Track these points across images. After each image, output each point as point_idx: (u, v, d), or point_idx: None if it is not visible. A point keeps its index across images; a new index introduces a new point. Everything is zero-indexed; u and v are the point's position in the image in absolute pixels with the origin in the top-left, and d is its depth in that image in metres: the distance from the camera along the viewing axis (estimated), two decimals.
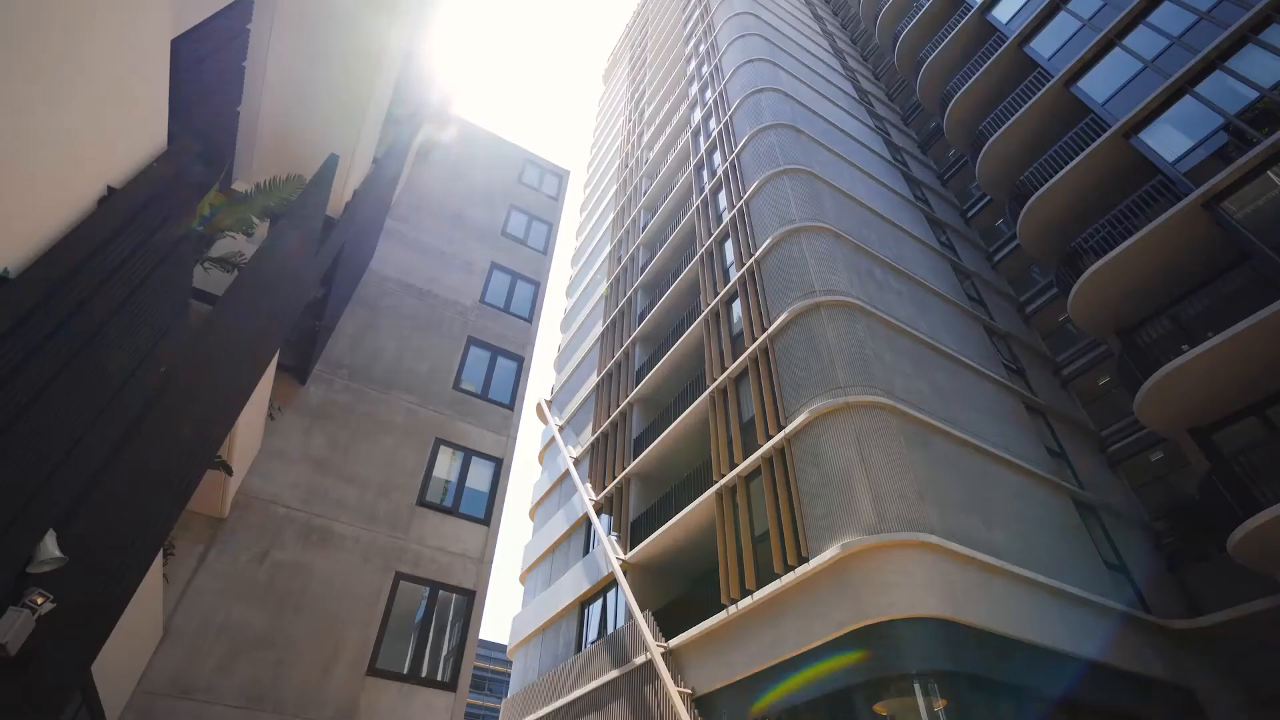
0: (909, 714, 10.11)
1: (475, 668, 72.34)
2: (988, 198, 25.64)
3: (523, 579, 25.80)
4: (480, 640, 71.17)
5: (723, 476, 14.96)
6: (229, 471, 8.57)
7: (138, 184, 4.54)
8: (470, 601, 12.09)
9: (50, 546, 3.47)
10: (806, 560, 11.62)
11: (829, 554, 11.07)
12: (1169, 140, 15.82)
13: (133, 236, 4.15)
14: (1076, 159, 17.58)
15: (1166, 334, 15.35)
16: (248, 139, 8.78)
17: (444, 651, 11.57)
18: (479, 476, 13.87)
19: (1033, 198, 18.65)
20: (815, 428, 12.92)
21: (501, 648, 67.28)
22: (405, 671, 10.96)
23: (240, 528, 10.90)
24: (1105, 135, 16.97)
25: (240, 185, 8.54)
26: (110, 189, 4.41)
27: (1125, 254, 15.26)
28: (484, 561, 12.68)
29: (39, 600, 3.59)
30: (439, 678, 11.16)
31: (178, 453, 5.61)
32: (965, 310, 19.50)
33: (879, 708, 10.22)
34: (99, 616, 5.06)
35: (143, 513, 5.31)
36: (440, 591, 11.95)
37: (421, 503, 12.77)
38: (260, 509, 11.23)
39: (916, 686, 10.09)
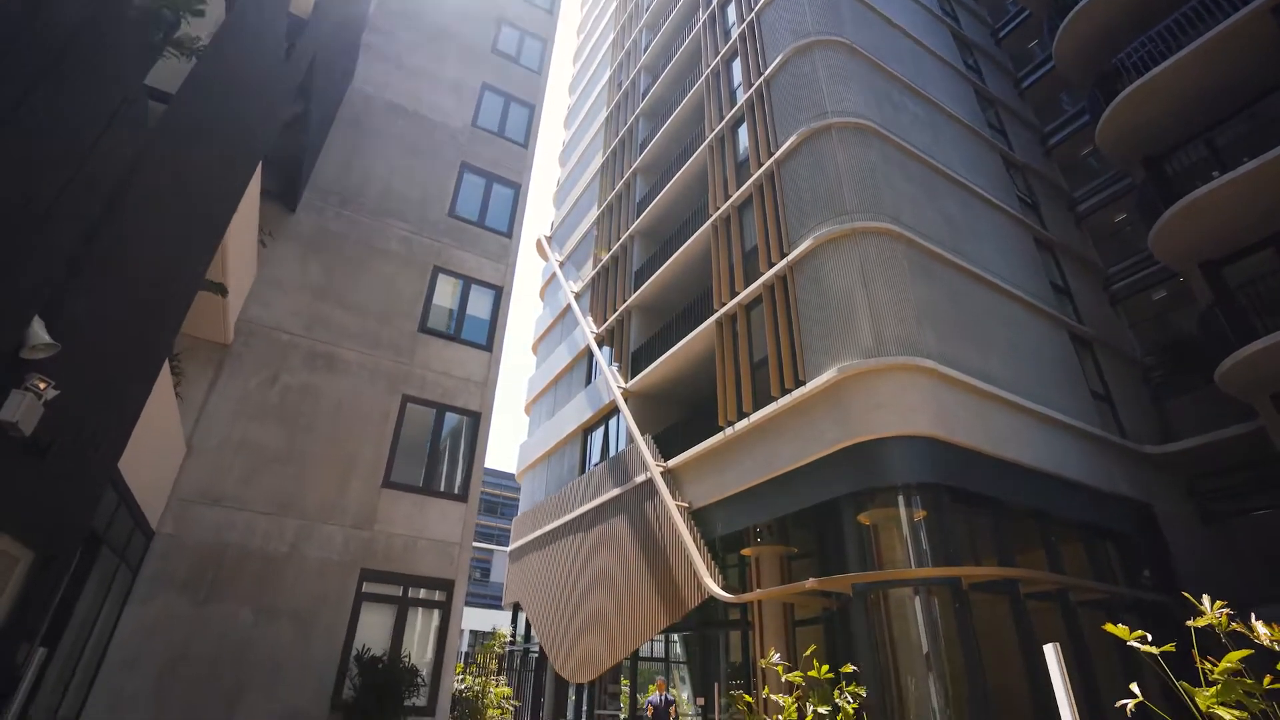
0: (890, 523, 10.88)
1: (487, 494, 77.69)
2: (1024, 13, 23.35)
3: (528, 410, 26.86)
4: (490, 469, 75.89)
5: (723, 305, 14.98)
6: (224, 293, 8.49)
7: None
8: (476, 422, 12.59)
9: (39, 331, 3.42)
10: (803, 384, 11.92)
11: (825, 377, 11.33)
12: None
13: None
14: None
15: (1197, 162, 14.64)
16: None
17: (453, 468, 12.24)
18: (479, 304, 13.88)
19: (1076, 7, 16.94)
20: (819, 254, 12.69)
21: (510, 476, 71.88)
22: (419, 485, 11.66)
23: (246, 353, 11.06)
24: None
25: None
26: None
27: (1170, 70, 14.11)
28: (487, 385, 13.03)
29: (41, 385, 3.61)
30: (450, 490, 11.89)
31: (162, 254, 5.47)
32: (985, 139, 18.45)
33: (863, 518, 10.98)
34: (112, 413, 5.20)
35: (137, 317, 5.27)
36: (447, 413, 12.40)
37: (423, 330, 12.88)
38: (264, 336, 11.34)
39: (900, 498, 10.77)
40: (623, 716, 18.01)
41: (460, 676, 13.76)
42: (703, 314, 16.16)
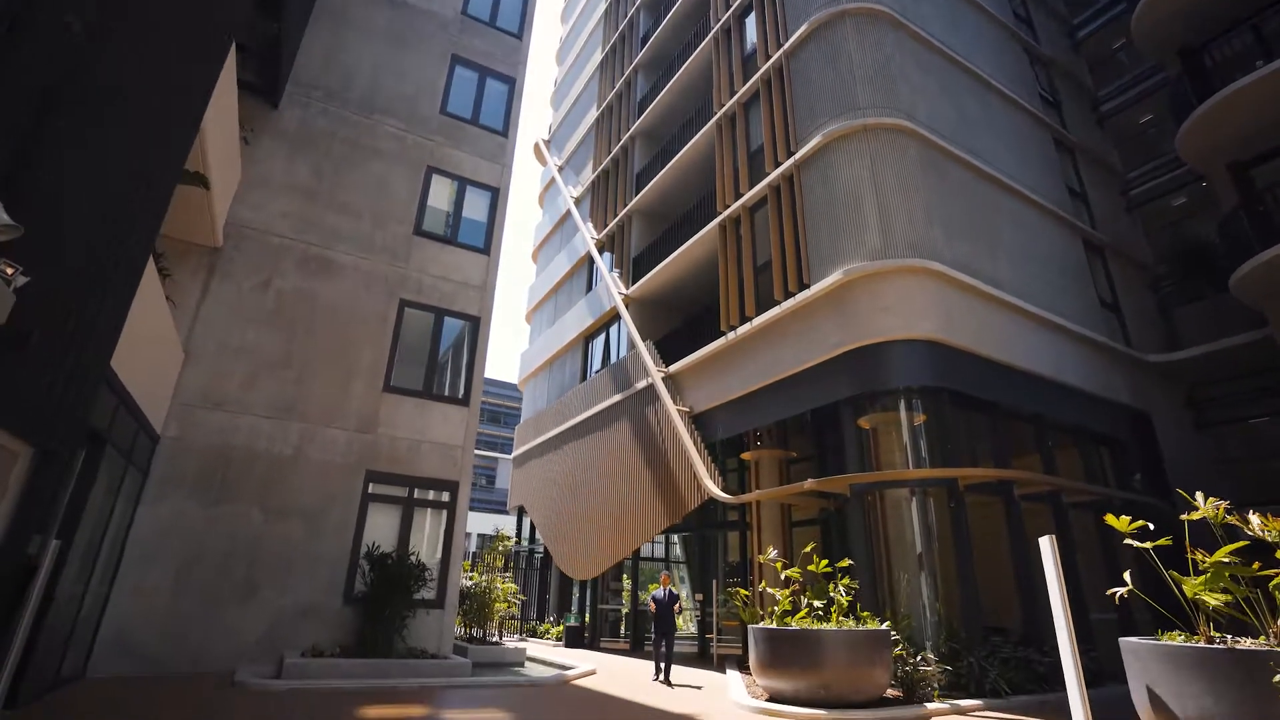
0: (890, 427, 10.94)
1: (490, 403, 78.54)
2: None
3: (529, 318, 26.73)
4: (492, 378, 76.56)
5: (727, 208, 14.53)
6: (205, 185, 8.15)
7: None
8: (475, 327, 12.47)
9: None
10: (807, 287, 11.71)
11: (830, 280, 11.09)
12: None
13: None
14: None
15: (1239, 52, 13.74)
16: None
17: (454, 373, 12.23)
18: (475, 206, 13.45)
19: None
20: (828, 152, 12.15)
21: (513, 386, 72.67)
22: (420, 389, 11.67)
23: (238, 257, 10.80)
24: None
25: None
26: None
27: None
28: (486, 289, 12.83)
29: (9, 270, 3.43)
30: (452, 395, 11.93)
31: (137, 138, 5.16)
32: (1009, 29, 17.29)
33: (863, 422, 11.03)
34: (98, 305, 5.05)
35: (116, 205, 5.03)
36: (446, 318, 12.26)
37: (419, 232, 12.53)
38: (255, 239, 11.03)
39: (901, 402, 10.77)
40: (624, 610, 18.92)
41: (468, 574, 14.30)
42: (705, 217, 15.71)
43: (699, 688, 9.07)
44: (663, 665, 9.98)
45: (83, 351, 5.04)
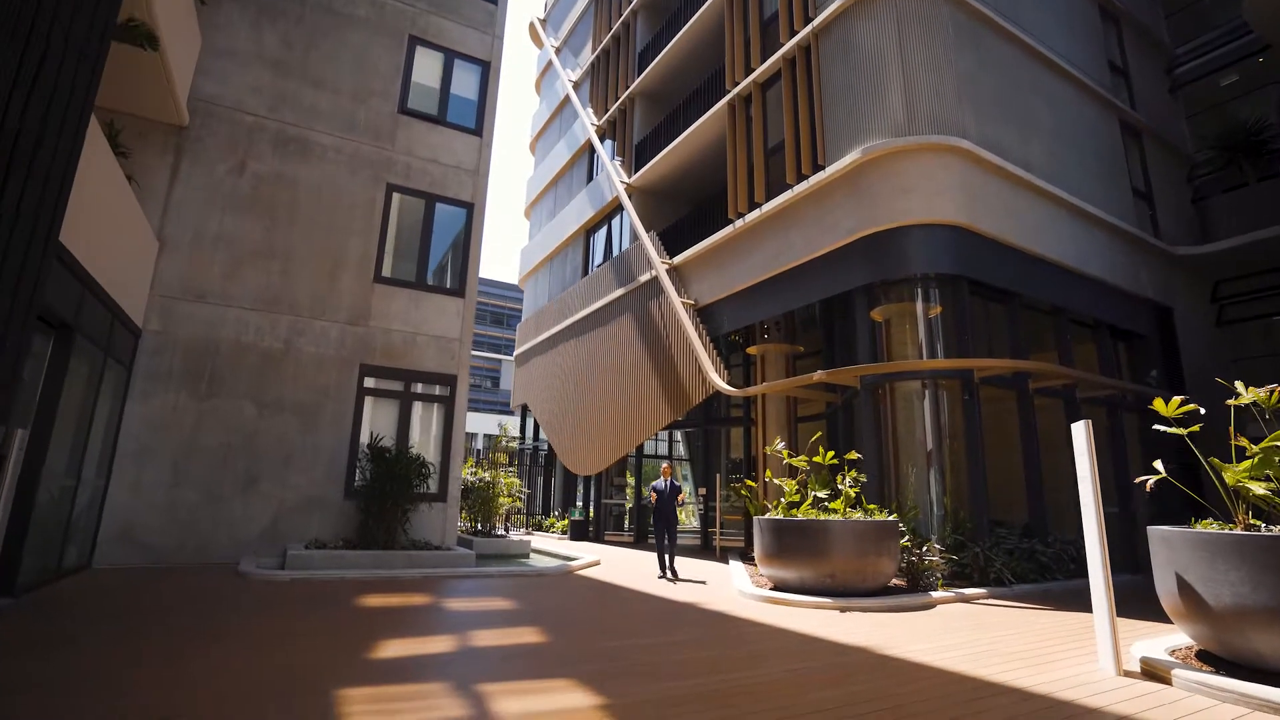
0: (903, 318, 10.46)
1: (492, 305, 78.14)
2: None
3: (528, 213, 25.76)
4: (493, 279, 75.78)
5: (736, 84, 13.42)
6: (154, 45, 7.27)
7: None
8: (469, 213, 11.78)
9: None
10: (822, 169, 10.90)
11: (849, 159, 10.29)
12: None
13: None
14: None
15: None
16: None
17: (449, 263, 11.66)
18: (465, 82, 12.40)
19: None
20: (849, 17, 10.99)
21: (515, 288, 72.02)
22: (414, 280, 11.15)
23: (207, 138, 9.98)
24: None
25: None
26: None
27: None
28: (479, 174, 12.02)
29: None
30: (446, 285, 11.41)
31: None
32: None
33: (875, 314, 10.54)
34: (26, 171, 4.46)
35: (34, 58, 4.33)
36: (437, 204, 11.55)
37: (404, 111, 11.58)
38: (224, 117, 10.16)
39: (918, 291, 10.24)
40: (628, 505, 19.24)
41: (472, 470, 14.34)
42: (713, 97, 14.58)
43: (703, 582, 9.08)
44: (667, 559, 9.45)
45: (17, 224, 4.51)
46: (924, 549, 8.32)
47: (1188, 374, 13.40)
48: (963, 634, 5.65)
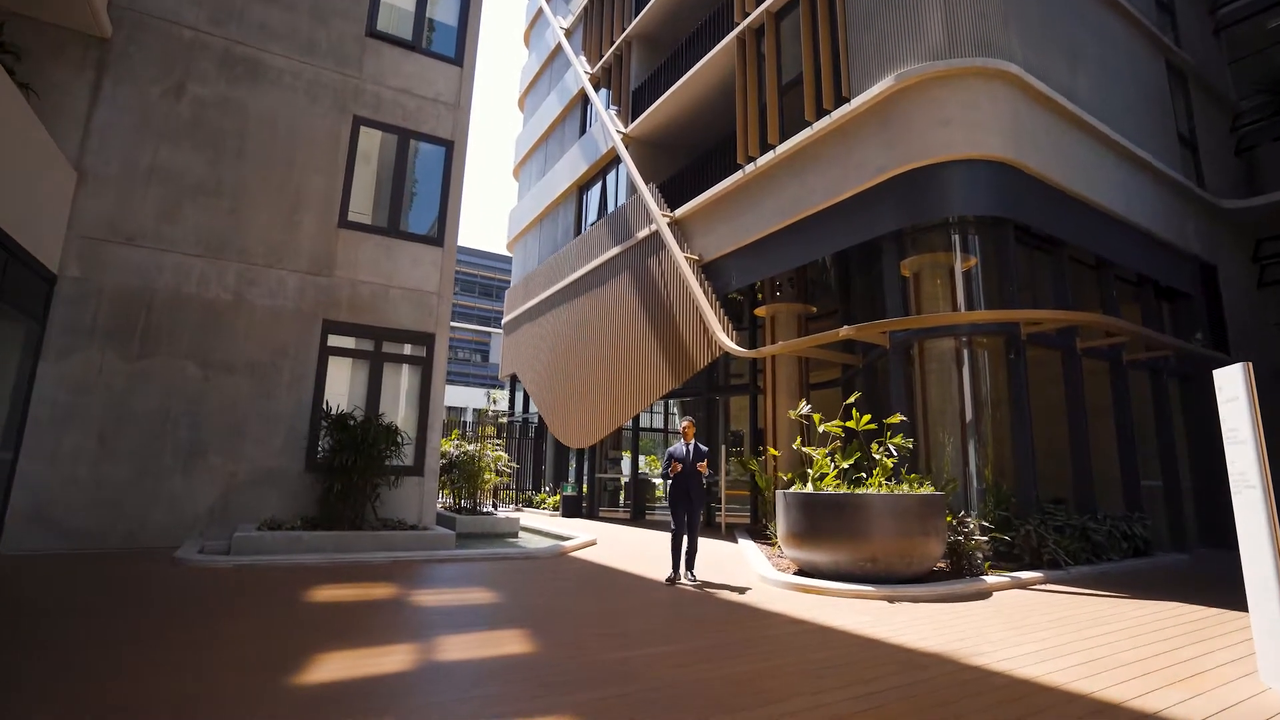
0: (936, 270, 9.29)
1: (481, 277, 76.68)
2: None
3: (516, 173, 24.28)
4: (481, 250, 74.08)
5: (746, 16, 12.05)
6: None
7: None
8: (449, 153, 10.43)
9: None
10: (847, 101, 9.63)
11: (879, 88, 9.01)
12: None
13: None
14: None
15: None
16: None
17: (426, 208, 10.33)
18: (444, 4, 10.96)
19: None
20: None
21: (504, 259, 70.40)
22: (385, 226, 9.84)
23: (137, 53, 8.56)
24: None
25: None
26: None
27: None
28: (460, 109, 10.65)
29: None
30: (422, 233, 10.10)
31: None
32: None
33: (904, 268, 9.36)
34: None
35: None
36: (412, 141, 10.20)
37: (373, 33, 10.16)
38: (156, 30, 8.72)
39: (955, 238, 9.07)
40: (623, 479, 18.15)
41: (456, 442, 13.15)
42: (719, 33, 13.19)
43: (744, 590, 7.91)
44: (683, 555, 6.67)
45: None
46: (971, 527, 7.23)
47: (1231, 336, 12.35)
48: (1048, 633, 4.56)
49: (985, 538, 7.23)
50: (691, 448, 6.88)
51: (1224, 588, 6.79)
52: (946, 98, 8.63)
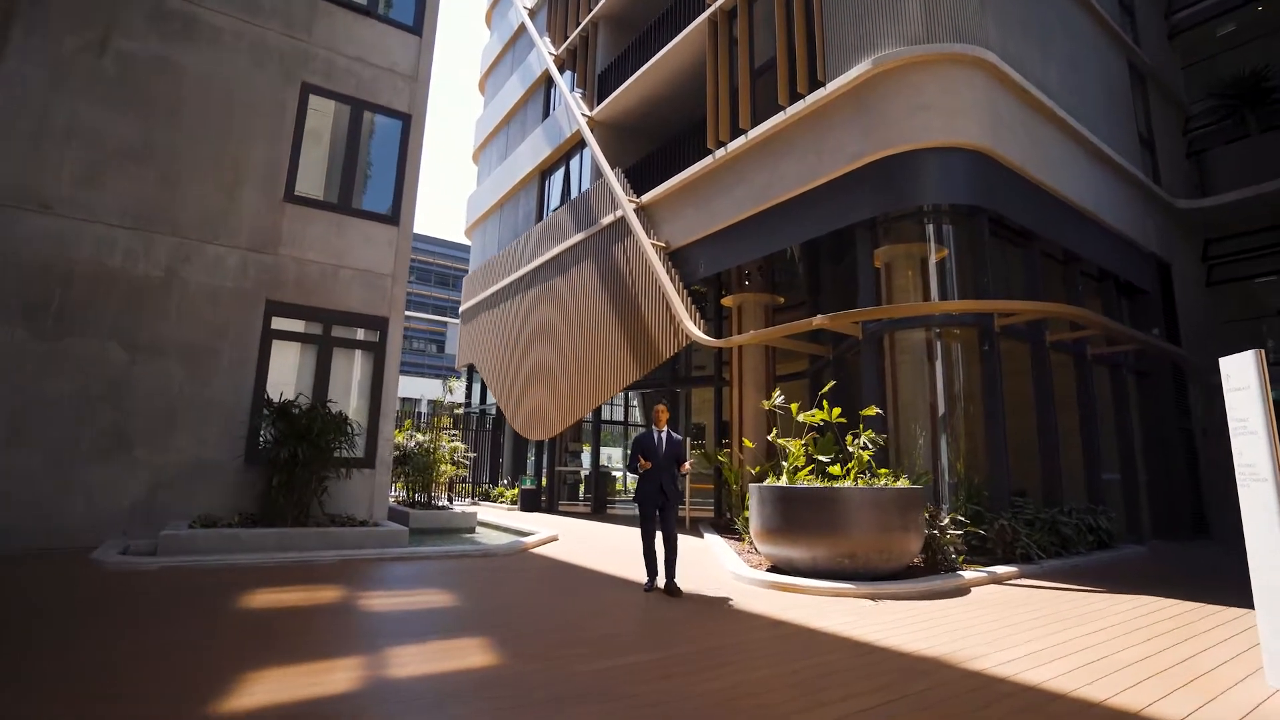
0: (909, 261, 9.16)
1: (438, 265, 75.06)
2: None
3: (475, 158, 23.52)
4: (439, 238, 72.52)
5: None
6: None
7: None
8: (406, 127, 9.83)
9: None
10: (823, 85, 9.38)
11: (856, 71, 8.79)
12: None
13: None
14: None
15: None
16: None
17: (381, 185, 9.70)
18: None
19: None
20: None
21: (462, 248, 68.93)
22: (335, 202, 9.19)
23: (52, 1, 7.73)
24: None
25: None
26: None
27: None
28: (418, 81, 10.05)
29: None
30: (376, 210, 9.49)
31: None
32: None
33: (877, 257, 9.18)
34: None
35: None
36: (366, 113, 9.56)
37: None
38: None
39: (930, 228, 8.93)
40: (584, 472, 17.74)
41: (410, 433, 12.55)
42: (689, 15, 12.83)
43: (728, 599, 7.14)
44: (659, 560, 5.78)
45: None
46: (945, 521, 7.08)
47: (1184, 334, 12.63)
48: (1039, 632, 4.37)
49: (961, 532, 7.09)
50: (664, 436, 5.83)
51: (1192, 581, 6.80)
52: (925, 83, 8.46)
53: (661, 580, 5.73)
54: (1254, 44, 14.59)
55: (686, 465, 5.83)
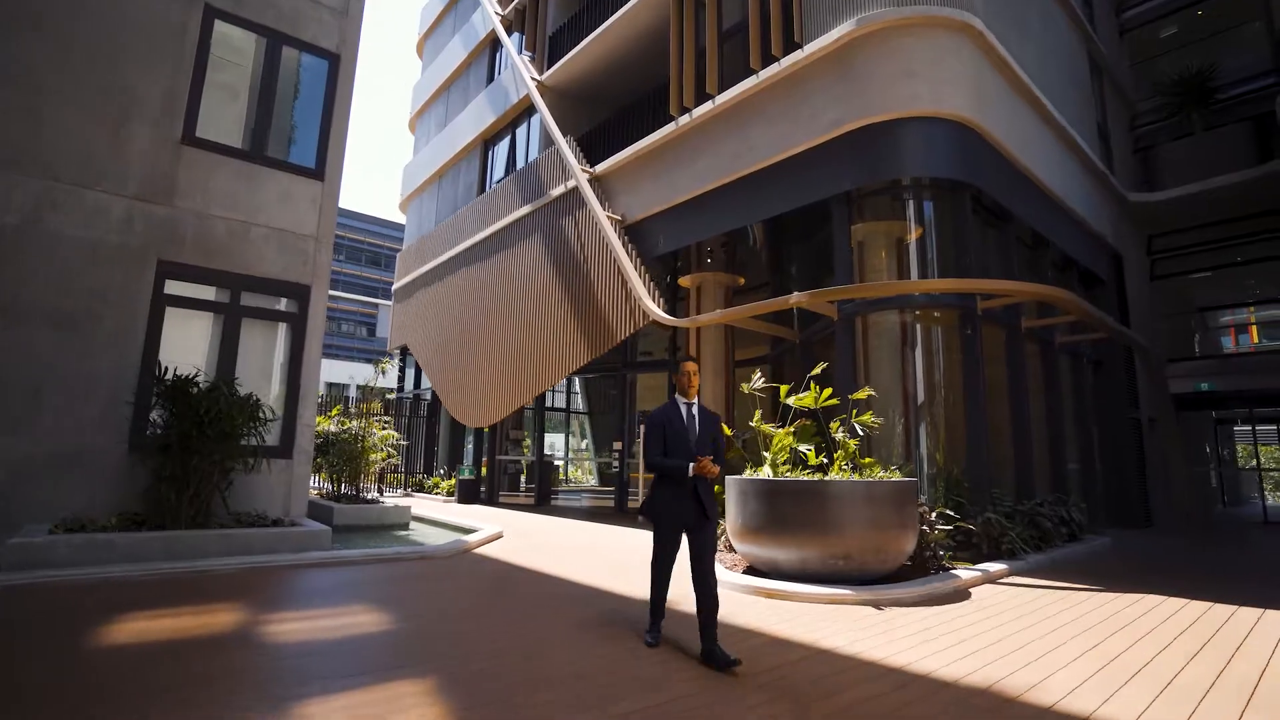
0: (885, 238, 8.64)
1: (370, 244, 71.81)
2: None
3: (412, 125, 21.95)
4: (371, 217, 69.30)
5: None
6: None
7: None
8: (334, 68, 8.59)
9: None
10: (799, 47, 8.71)
11: (837, 33, 8.14)
12: None
13: None
14: None
15: None
16: None
17: (303, 133, 8.45)
18: None
19: None
20: None
21: (396, 226, 66.02)
22: (246, 148, 7.91)
23: None
24: None
25: None
26: None
27: None
28: (349, 17, 8.81)
29: None
30: (298, 162, 8.25)
31: None
32: None
33: (856, 230, 8.60)
34: None
35: None
36: (285, 49, 8.27)
37: None
38: None
39: (910, 203, 8.41)
40: (525, 460, 16.75)
41: (338, 419, 11.30)
42: None
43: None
44: (697, 617, 3.56)
45: None
46: (934, 516, 6.56)
47: (1133, 326, 12.71)
48: (1075, 646, 3.81)
49: (950, 528, 6.59)
50: (695, 412, 3.83)
51: (1176, 574, 6.52)
52: (912, 48, 7.89)
53: (661, 629, 3.85)
54: (1193, 47, 14.90)
55: (712, 468, 3.65)
